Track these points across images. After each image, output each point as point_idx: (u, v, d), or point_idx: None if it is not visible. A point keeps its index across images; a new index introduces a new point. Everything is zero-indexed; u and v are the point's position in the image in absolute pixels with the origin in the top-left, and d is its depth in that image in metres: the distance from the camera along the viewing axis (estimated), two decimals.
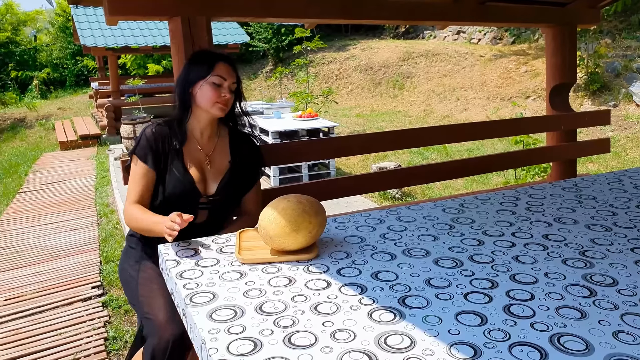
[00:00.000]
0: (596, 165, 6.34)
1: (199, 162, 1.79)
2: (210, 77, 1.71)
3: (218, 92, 1.72)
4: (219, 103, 1.73)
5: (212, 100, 1.72)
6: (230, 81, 1.75)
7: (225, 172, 1.82)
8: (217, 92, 1.72)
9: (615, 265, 1.32)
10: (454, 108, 10.66)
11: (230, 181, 1.82)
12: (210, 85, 1.71)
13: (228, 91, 1.74)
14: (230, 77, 1.75)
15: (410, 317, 1.08)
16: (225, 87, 1.73)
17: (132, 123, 7.41)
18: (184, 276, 1.32)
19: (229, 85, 1.74)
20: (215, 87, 1.72)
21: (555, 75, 3.15)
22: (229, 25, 11.18)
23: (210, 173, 1.80)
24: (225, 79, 1.73)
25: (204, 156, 1.81)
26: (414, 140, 2.85)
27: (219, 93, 1.72)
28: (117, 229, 4.76)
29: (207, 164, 1.80)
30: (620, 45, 9.48)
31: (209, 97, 1.72)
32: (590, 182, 2.15)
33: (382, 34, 17.41)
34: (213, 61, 1.73)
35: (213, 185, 1.80)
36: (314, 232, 1.41)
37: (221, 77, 1.72)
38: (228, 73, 1.74)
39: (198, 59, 1.77)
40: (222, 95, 1.72)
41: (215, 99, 1.72)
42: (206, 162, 1.80)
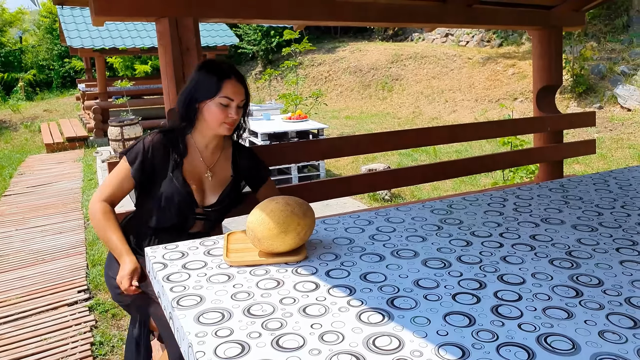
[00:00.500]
0: (582, 166, 6.42)
1: (199, 173, 1.77)
2: (218, 97, 1.67)
3: (225, 113, 1.68)
4: (226, 124, 1.69)
5: (219, 120, 1.68)
6: (238, 100, 1.70)
7: (227, 185, 1.81)
8: (224, 112, 1.67)
9: (601, 266, 1.33)
10: (443, 110, 10.73)
11: (230, 194, 1.82)
12: (217, 106, 1.67)
13: (235, 111, 1.69)
14: (238, 96, 1.69)
15: (398, 318, 1.08)
16: (232, 107, 1.69)
17: (119, 125, 7.35)
18: (171, 279, 1.31)
19: (236, 105, 1.70)
20: (223, 108, 1.67)
21: (542, 78, 3.18)
22: (218, 26, 11.16)
23: (211, 185, 1.79)
24: (232, 99, 1.68)
25: (205, 168, 1.79)
26: (403, 142, 2.86)
27: (227, 114, 1.68)
28: None
29: (208, 176, 1.78)
30: (605, 48, 9.61)
31: (215, 117, 1.68)
32: (576, 182, 2.17)
33: (371, 36, 17.48)
34: (221, 79, 1.67)
35: (212, 197, 1.79)
36: (302, 234, 1.41)
37: (228, 98, 1.67)
38: (236, 92, 1.69)
39: (207, 75, 1.69)
40: (229, 116, 1.68)
41: (223, 119, 1.68)
42: (207, 175, 1.78)
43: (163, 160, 1.71)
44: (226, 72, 1.69)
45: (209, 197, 1.78)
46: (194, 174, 1.76)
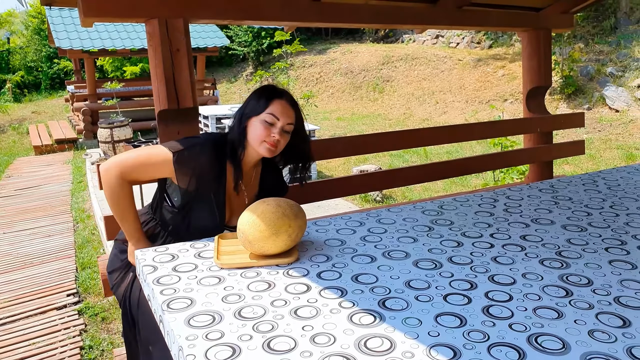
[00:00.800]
0: (572, 166, 6.47)
1: (231, 194, 1.72)
2: (264, 114, 1.60)
3: (268, 131, 1.59)
4: (266, 143, 1.60)
5: (260, 138, 1.60)
6: (284, 122, 1.61)
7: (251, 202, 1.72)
8: (267, 130, 1.59)
9: (590, 265, 1.34)
10: (433, 111, 10.77)
11: None
12: (261, 123, 1.60)
13: (279, 132, 1.60)
14: (284, 117, 1.61)
15: (390, 319, 1.08)
16: (277, 127, 1.60)
17: (109, 127, 7.30)
18: (161, 282, 1.30)
19: (282, 126, 1.61)
20: (267, 125, 1.60)
21: (532, 79, 3.21)
22: (209, 28, 11.13)
23: (239, 203, 1.73)
24: (278, 118, 1.60)
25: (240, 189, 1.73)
26: (394, 143, 2.87)
27: (269, 132, 1.60)
28: (94, 234, 4.67)
29: (243, 194, 1.75)
30: (593, 50, 9.71)
31: (257, 134, 1.60)
32: (566, 183, 2.19)
33: (362, 38, 17.52)
34: (271, 97, 1.62)
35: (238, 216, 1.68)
36: (293, 236, 1.40)
37: (274, 116, 1.60)
38: (283, 113, 1.61)
39: (260, 93, 1.65)
40: (272, 136, 1.60)
41: (264, 137, 1.60)
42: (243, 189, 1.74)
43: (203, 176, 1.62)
44: (278, 92, 1.65)
45: (235, 217, 1.70)
46: (231, 193, 1.70)
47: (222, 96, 15.59)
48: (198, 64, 11.17)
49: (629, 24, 10.02)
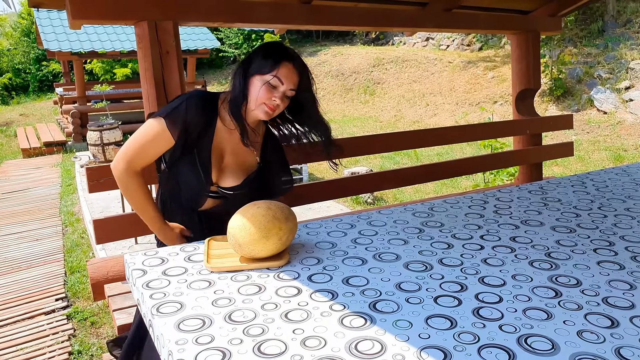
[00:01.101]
0: (561, 168, 6.53)
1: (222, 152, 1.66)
2: (269, 75, 1.53)
3: (270, 94, 1.54)
4: (265, 105, 1.55)
5: (260, 99, 1.54)
6: (287, 87, 1.55)
7: (252, 172, 1.71)
8: (269, 93, 1.54)
9: (579, 267, 1.35)
10: (424, 113, 10.82)
11: (254, 182, 1.71)
12: (264, 84, 1.53)
13: (281, 97, 1.55)
14: (289, 82, 1.55)
15: (380, 322, 1.08)
16: (279, 91, 1.55)
17: (99, 130, 7.24)
18: (151, 286, 1.29)
19: (284, 91, 1.55)
20: (269, 88, 1.54)
21: (521, 81, 3.23)
22: (199, 30, 11.10)
23: (235, 166, 1.68)
24: (282, 82, 1.54)
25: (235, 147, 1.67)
26: (385, 145, 2.87)
27: (271, 95, 1.54)
28: (84, 238, 4.63)
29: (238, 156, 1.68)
30: (581, 53, 9.81)
31: (259, 95, 1.54)
32: (555, 185, 2.21)
33: (353, 40, 17.56)
34: (280, 59, 1.54)
35: (231, 179, 1.67)
36: (284, 239, 1.40)
37: (278, 79, 1.53)
38: (288, 77, 1.54)
39: (268, 50, 1.57)
40: (273, 99, 1.54)
41: (264, 99, 1.54)
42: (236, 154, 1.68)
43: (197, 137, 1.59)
44: (289, 55, 1.56)
45: (227, 178, 1.66)
46: (219, 151, 1.64)
47: None
48: (188, 66, 11.13)
49: (616, 27, 10.15)
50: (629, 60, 8.76)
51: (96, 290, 2.18)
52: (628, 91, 8.25)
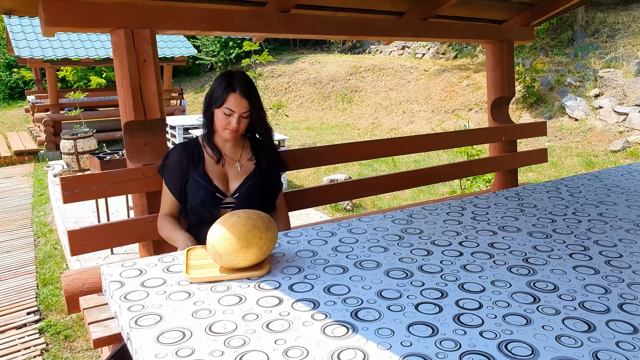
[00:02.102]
0: (535, 174, 6.66)
1: (225, 168, 1.96)
2: (222, 107, 1.86)
3: (227, 121, 1.87)
4: (227, 130, 1.88)
5: (222, 126, 1.88)
6: (240, 112, 1.86)
7: (251, 172, 1.97)
8: (226, 120, 1.87)
9: (556, 272, 1.37)
10: (401, 121, 10.92)
11: (254, 178, 1.96)
12: (221, 114, 1.87)
13: (237, 121, 1.86)
14: (239, 108, 1.85)
15: (363, 330, 1.08)
16: (234, 117, 1.86)
17: (73, 138, 7.10)
18: (129, 298, 1.26)
19: (238, 116, 1.86)
20: (225, 116, 1.86)
21: (496, 89, 3.29)
22: (175, 37, 11.01)
23: (237, 173, 1.96)
24: (233, 110, 1.85)
25: (232, 162, 1.97)
26: (363, 153, 2.89)
27: (228, 121, 1.86)
28: (57, 249, 4.52)
29: (238, 167, 1.96)
30: (552, 61, 10.06)
31: (220, 123, 1.88)
32: (530, 191, 2.25)
33: (330, 49, 17.66)
34: (226, 91, 1.85)
35: (236, 182, 1.94)
36: (264, 248, 1.39)
37: (230, 109, 1.85)
38: (237, 105, 1.85)
39: (219, 84, 1.88)
40: (230, 124, 1.86)
41: (225, 126, 1.87)
42: (236, 166, 1.96)
43: (187, 165, 1.93)
44: (232, 85, 1.86)
45: (233, 183, 1.95)
46: (220, 168, 1.95)
47: (190, 106, 15.42)
48: (165, 73, 11.02)
49: (585, 37, 10.44)
50: (597, 68, 9.02)
51: (70, 303, 2.12)
52: (597, 99, 8.48)
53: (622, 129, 7.70)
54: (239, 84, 1.86)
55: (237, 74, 1.91)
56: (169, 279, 1.37)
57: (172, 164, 1.94)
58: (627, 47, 9.38)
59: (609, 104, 8.16)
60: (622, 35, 9.93)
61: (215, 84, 1.90)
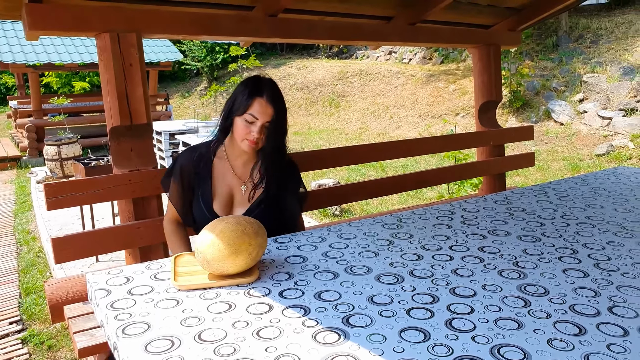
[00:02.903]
0: (522, 178, 6.72)
1: (230, 188, 1.82)
2: (246, 113, 1.70)
3: (248, 129, 1.71)
4: (247, 140, 1.72)
5: (242, 136, 1.72)
6: (263, 120, 1.70)
7: (256, 200, 1.82)
8: (247, 129, 1.71)
9: (546, 275, 1.38)
10: (388, 126, 10.97)
11: (261, 204, 1.82)
12: (243, 122, 1.71)
13: (258, 131, 1.70)
14: (263, 116, 1.70)
15: (354, 336, 1.07)
16: (256, 125, 1.70)
17: (56, 144, 7.00)
18: (116, 306, 1.23)
19: (261, 124, 1.70)
20: (247, 124, 1.71)
21: (483, 94, 3.31)
22: (161, 42, 10.95)
23: (243, 197, 1.82)
24: (257, 118, 1.69)
25: (239, 182, 1.83)
26: (352, 158, 2.88)
27: (249, 130, 1.71)
28: (40, 257, 4.44)
29: (242, 191, 1.83)
30: (538, 66, 10.18)
31: (239, 132, 1.73)
32: (519, 194, 2.26)
33: (317, 54, 17.70)
34: (252, 96, 1.70)
35: (241, 209, 1.81)
36: (254, 254, 1.37)
37: (253, 116, 1.69)
38: (262, 112, 1.69)
39: (243, 89, 1.73)
40: (251, 133, 1.71)
41: (245, 135, 1.72)
42: (241, 188, 1.83)
43: (197, 176, 1.82)
44: (259, 89, 1.71)
45: (237, 209, 1.82)
46: (226, 186, 1.82)
47: (176, 111, 15.32)
48: (150, 78, 10.95)
49: (569, 42, 10.60)
50: (581, 73, 9.15)
51: (55, 312, 2.08)
52: (582, 103, 8.60)
53: (607, 133, 7.81)
54: (267, 89, 1.71)
55: (265, 80, 1.76)
56: (156, 286, 1.35)
57: (177, 178, 1.82)
58: (610, 53, 9.53)
59: (593, 109, 8.28)
60: (605, 41, 10.10)
61: (239, 88, 1.74)
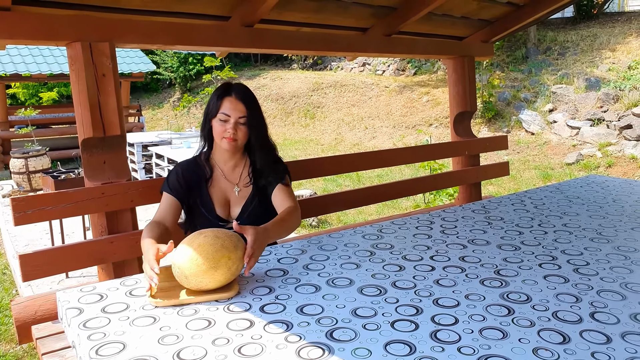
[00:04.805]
0: (495, 187, 6.82)
1: (224, 192, 1.87)
2: (218, 113, 1.78)
3: (223, 128, 1.77)
4: (225, 138, 1.78)
5: (219, 135, 1.79)
6: (236, 116, 1.77)
7: (248, 197, 1.87)
8: (222, 127, 1.77)
9: (528, 282, 1.38)
10: (363, 136, 11.03)
11: (253, 201, 1.87)
12: (218, 123, 1.78)
13: (233, 127, 1.76)
14: (235, 112, 1.77)
15: (339, 351, 1.04)
16: (230, 123, 1.77)
17: (23, 157, 6.80)
18: (88, 325, 1.18)
19: (235, 121, 1.77)
20: (222, 123, 1.78)
21: (458, 104, 3.35)
22: (133, 53, 10.80)
23: (237, 198, 1.87)
24: (229, 115, 1.76)
25: (231, 185, 1.88)
26: (329, 168, 2.87)
27: (224, 128, 1.77)
28: (5, 274, 4.27)
29: (236, 192, 1.87)
30: (508, 77, 10.42)
31: (217, 132, 1.79)
32: (496, 203, 2.28)
33: (291, 65, 17.74)
34: (221, 97, 1.79)
35: (237, 209, 1.86)
36: (233, 269, 1.33)
37: (225, 114, 1.77)
38: (233, 109, 1.77)
39: (214, 94, 1.82)
40: (227, 130, 1.77)
41: (221, 134, 1.78)
42: (234, 190, 1.87)
43: (194, 183, 1.85)
44: (228, 90, 1.80)
45: (234, 209, 1.87)
46: (221, 192, 1.87)
47: (148, 123, 15.10)
48: (122, 89, 10.78)
49: (538, 54, 10.89)
50: (550, 84, 9.40)
51: (22, 332, 1.99)
52: (552, 113, 8.82)
53: (575, 143, 8.02)
54: (235, 89, 1.80)
55: (235, 84, 1.85)
56: (132, 303, 1.30)
57: (176, 176, 1.84)
58: (576, 65, 9.83)
59: (562, 119, 8.50)
60: (571, 53, 10.42)
61: (211, 95, 1.84)
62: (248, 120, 1.79)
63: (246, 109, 1.78)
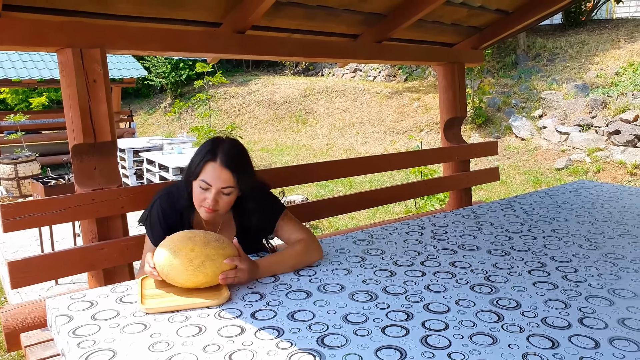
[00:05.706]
0: (486, 192, 6.86)
1: None
2: (198, 179, 1.54)
3: (203, 196, 1.54)
4: (203, 207, 1.55)
5: (197, 202, 1.57)
6: (218, 186, 1.52)
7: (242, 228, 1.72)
8: (202, 195, 1.54)
9: (517, 288, 1.39)
10: (355, 142, 11.06)
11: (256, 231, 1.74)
12: (197, 187, 1.55)
13: (213, 198, 1.53)
14: (217, 181, 1.52)
15: (330, 357, 1.04)
16: (211, 192, 1.53)
17: (13, 162, 6.74)
18: (78, 333, 1.17)
19: (217, 191, 1.53)
20: (202, 191, 1.54)
21: (449, 110, 3.38)
22: (125, 58, 10.78)
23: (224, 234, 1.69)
24: (210, 184, 1.53)
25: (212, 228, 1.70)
26: (321, 174, 2.87)
27: (204, 197, 1.54)
28: None
29: None
30: (498, 83, 10.52)
31: (196, 197, 1.57)
32: (486, 209, 2.29)
33: (283, 71, 17.78)
34: (204, 160, 1.54)
35: None
36: (196, 262, 1.34)
37: (206, 182, 1.53)
38: (216, 177, 1.52)
39: (200, 150, 1.59)
40: (206, 200, 1.53)
41: (200, 202, 1.56)
42: None
43: (177, 224, 1.64)
44: (214, 152, 1.55)
45: None
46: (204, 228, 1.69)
47: (140, 128, 15.04)
48: (113, 95, 10.72)
49: (527, 60, 11.00)
50: (540, 90, 9.49)
51: (10, 340, 1.96)
52: (541, 119, 8.90)
53: (565, 148, 8.09)
54: (221, 152, 1.54)
55: (225, 141, 1.60)
56: (122, 310, 1.29)
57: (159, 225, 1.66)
58: (565, 71, 9.94)
59: (551, 124, 8.58)
60: (560, 59, 10.53)
61: (199, 148, 1.61)
62: (235, 189, 1.56)
63: (233, 177, 1.53)
